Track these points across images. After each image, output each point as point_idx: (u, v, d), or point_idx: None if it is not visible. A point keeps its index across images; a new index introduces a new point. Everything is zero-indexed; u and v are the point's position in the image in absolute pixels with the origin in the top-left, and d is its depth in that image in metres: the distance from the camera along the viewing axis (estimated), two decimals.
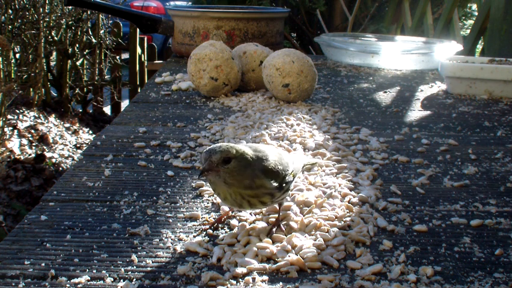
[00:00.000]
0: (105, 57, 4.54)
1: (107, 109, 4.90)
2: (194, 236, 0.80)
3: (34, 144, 3.43)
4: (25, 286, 0.66)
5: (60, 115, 4.07)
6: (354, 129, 1.36)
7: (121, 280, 0.68)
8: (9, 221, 2.60)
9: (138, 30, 4.46)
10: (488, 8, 2.59)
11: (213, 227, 0.83)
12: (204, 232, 0.81)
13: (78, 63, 4.27)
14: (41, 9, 3.75)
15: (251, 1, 4.17)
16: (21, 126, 3.52)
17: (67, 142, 3.68)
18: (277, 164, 0.80)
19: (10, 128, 3.39)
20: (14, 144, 3.29)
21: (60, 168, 3.24)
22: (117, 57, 4.58)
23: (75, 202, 0.91)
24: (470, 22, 5.20)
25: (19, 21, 3.67)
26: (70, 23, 4.05)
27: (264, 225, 0.83)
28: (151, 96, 1.69)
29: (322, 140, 1.21)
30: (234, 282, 0.68)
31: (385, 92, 1.83)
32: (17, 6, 3.61)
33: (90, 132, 4.12)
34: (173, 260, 0.73)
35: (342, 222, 0.84)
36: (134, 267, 0.71)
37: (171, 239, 0.79)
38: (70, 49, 4.14)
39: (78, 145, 3.72)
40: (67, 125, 3.98)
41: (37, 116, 3.78)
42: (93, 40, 4.36)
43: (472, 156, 1.19)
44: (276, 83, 1.54)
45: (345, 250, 0.76)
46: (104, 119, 4.54)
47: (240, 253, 0.74)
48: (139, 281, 0.68)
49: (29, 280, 0.67)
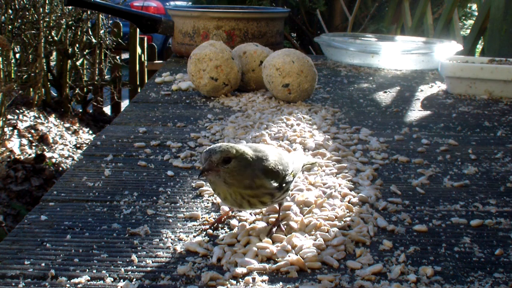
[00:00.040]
0: (105, 57, 4.54)
1: (107, 109, 4.90)
2: (194, 236, 0.80)
3: (34, 144, 3.43)
4: (25, 286, 0.66)
5: (60, 115, 4.07)
6: (354, 129, 1.36)
7: (121, 280, 0.68)
8: (9, 221, 2.60)
9: (138, 30, 4.46)
10: (488, 8, 2.59)
11: (213, 227, 0.83)
12: (204, 232, 0.81)
13: (78, 63, 4.27)
14: (41, 9, 3.75)
15: (251, 1, 4.17)
16: (21, 126, 3.52)
17: (67, 142, 3.68)
18: (277, 164, 0.80)
19: (10, 128, 3.39)
20: (14, 144, 3.29)
21: (60, 168, 3.24)
22: (117, 57, 4.59)
23: (75, 202, 0.91)
24: (470, 22, 5.20)
25: (19, 21, 3.67)
26: (70, 23, 4.05)
27: (264, 225, 0.83)
28: (151, 96, 1.69)
29: (322, 140, 1.21)
30: (234, 282, 0.68)
31: (385, 92, 1.83)
32: (17, 6, 3.61)
33: (90, 132, 4.12)
34: (173, 260, 0.73)
35: (342, 222, 0.84)
36: (134, 267, 0.71)
37: (171, 239, 0.79)
38: (70, 49, 4.14)
39: (78, 145, 3.72)
40: (67, 125, 3.98)
41: (37, 116, 3.78)
42: (93, 40, 4.36)
43: (472, 156, 1.19)
44: (276, 83, 1.54)
45: (345, 250, 0.76)
46: (104, 119, 4.54)
47: (240, 253, 0.74)
48: (139, 281, 0.68)
49: (29, 280, 0.67)
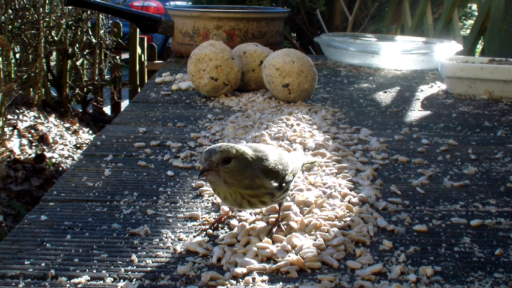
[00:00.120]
0: (105, 57, 4.54)
1: (107, 109, 4.90)
2: (194, 236, 0.80)
3: (34, 144, 3.43)
4: (25, 286, 0.66)
5: (60, 115, 4.07)
6: (354, 129, 1.36)
7: (121, 280, 0.68)
8: (9, 221, 2.60)
9: (138, 30, 4.46)
10: (488, 8, 2.59)
11: (213, 227, 0.83)
12: (204, 232, 0.81)
13: (78, 63, 4.27)
14: (41, 9, 3.75)
15: (251, 1, 4.17)
16: (21, 126, 3.52)
17: (67, 142, 3.68)
18: (277, 164, 0.80)
19: (10, 128, 3.39)
20: (14, 144, 3.29)
21: (60, 168, 3.24)
22: (117, 57, 4.59)
23: (75, 202, 0.91)
24: (470, 22, 5.20)
25: (19, 21, 3.67)
26: (70, 23, 4.05)
27: (264, 225, 0.83)
28: (151, 96, 1.69)
29: (322, 140, 1.21)
30: (234, 282, 0.68)
31: (385, 92, 1.83)
32: (17, 6, 3.61)
33: (90, 132, 4.12)
34: (173, 260, 0.73)
35: (342, 222, 0.84)
36: (134, 267, 0.71)
37: (171, 239, 0.79)
38: (70, 49, 4.14)
39: (78, 145, 3.72)
40: (67, 125, 3.98)
41: (37, 116, 3.78)
42: (93, 40, 4.36)
43: (472, 156, 1.19)
44: (276, 83, 1.54)
45: (345, 250, 0.76)
46: (104, 119, 4.54)
47: (240, 253, 0.74)
48: (139, 281, 0.68)
49: (29, 280, 0.67)
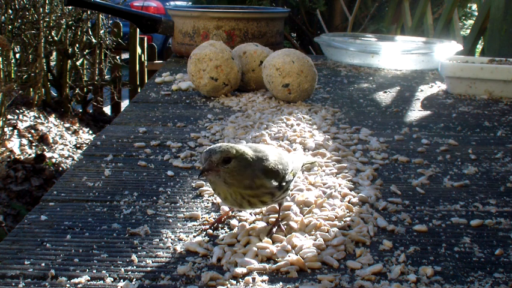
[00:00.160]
0: (105, 57, 4.54)
1: (107, 109, 4.90)
2: (194, 236, 0.80)
3: (34, 144, 3.43)
4: (25, 286, 0.66)
5: (60, 115, 4.07)
6: (354, 129, 1.36)
7: (121, 280, 0.68)
8: (9, 221, 2.60)
9: (138, 30, 4.46)
10: (488, 8, 2.59)
11: (213, 227, 0.83)
12: (204, 232, 0.81)
13: (78, 63, 4.27)
14: (41, 9, 3.75)
15: (251, 1, 4.17)
16: (21, 126, 3.52)
17: (67, 142, 3.68)
18: (277, 164, 0.80)
19: (10, 128, 3.39)
20: (14, 144, 3.29)
21: (60, 168, 3.24)
22: (117, 57, 4.58)
23: (75, 202, 0.91)
24: (470, 22, 5.20)
25: (19, 21, 3.67)
26: (70, 23, 4.05)
27: (264, 225, 0.83)
28: (151, 96, 1.69)
29: (322, 140, 1.21)
30: (234, 282, 0.68)
31: (385, 92, 1.83)
32: (17, 6, 3.61)
33: (90, 132, 4.12)
34: (173, 260, 0.73)
35: (342, 222, 0.84)
36: (134, 267, 0.71)
37: (171, 239, 0.79)
38: (70, 49, 4.14)
39: (78, 145, 3.72)
40: (67, 125, 3.98)
41: (37, 116, 3.78)
42: (93, 40, 4.36)
43: (472, 156, 1.19)
44: (276, 83, 1.54)
45: (345, 250, 0.76)
46: (104, 119, 4.54)
47: (240, 253, 0.74)
48: (139, 281, 0.68)
49: (29, 280, 0.67)
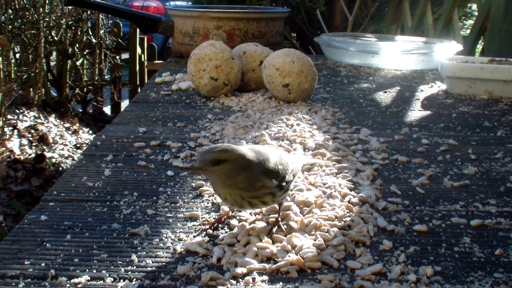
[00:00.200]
0: (105, 57, 4.54)
1: (107, 109, 4.90)
2: (194, 236, 0.80)
3: (34, 144, 3.43)
4: (25, 286, 0.66)
5: (60, 115, 4.07)
6: (354, 129, 1.36)
7: (121, 280, 0.68)
8: (9, 221, 2.60)
9: (138, 30, 4.46)
10: (488, 8, 2.59)
11: (213, 227, 0.83)
12: (204, 232, 0.81)
13: (78, 63, 4.27)
14: (41, 9, 3.75)
15: (251, 1, 4.17)
16: (21, 126, 3.52)
17: (67, 142, 3.68)
18: (277, 164, 0.80)
19: (10, 128, 3.39)
20: (14, 144, 3.29)
21: (60, 168, 3.24)
22: (117, 57, 4.58)
23: (75, 202, 0.91)
24: (470, 22, 5.20)
25: (19, 21, 3.67)
26: (70, 23, 4.05)
27: (264, 225, 0.83)
28: (151, 96, 1.69)
29: (322, 140, 1.21)
30: (234, 282, 0.68)
31: (385, 92, 1.83)
32: (17, 6, 3.61)
33: (90, 132, 4.12)
34: (173, 260, 0.73)
35: (342, 222, 0.84)
36: (134, 267, 0.71)
37: (171, 239, 0.79)
38: (70, 49, 4.14)
39: (78, 145, 3.72)
40: (67, 125, 3.98)
41: (37, 116, 3.78)
42: (93, 40, 4.36)
43: (472, 156, 1.19)
44: (276, 83, 1.54)
45: (345, 250, 0.76)
46: (104, 119, 4.54)
47: (240, 253, 0.74)
48: (139, 281, 0.68)
49: (29, 280, 0.67)
